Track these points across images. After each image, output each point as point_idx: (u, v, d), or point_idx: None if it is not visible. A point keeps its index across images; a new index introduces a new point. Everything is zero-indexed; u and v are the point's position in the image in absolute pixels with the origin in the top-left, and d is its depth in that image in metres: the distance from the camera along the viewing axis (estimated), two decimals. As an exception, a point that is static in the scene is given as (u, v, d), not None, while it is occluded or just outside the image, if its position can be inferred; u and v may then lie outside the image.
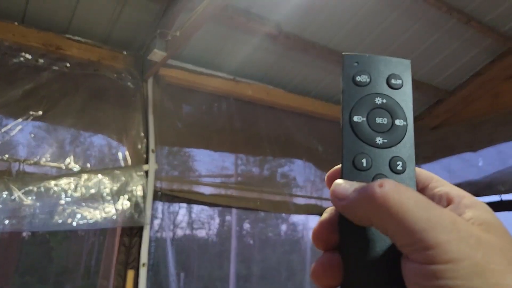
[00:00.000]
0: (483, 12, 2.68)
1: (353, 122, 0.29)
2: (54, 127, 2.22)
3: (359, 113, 0.29)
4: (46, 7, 2.25)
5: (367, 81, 0.30)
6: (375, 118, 0.29)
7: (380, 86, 0.30)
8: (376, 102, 0.29)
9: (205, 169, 2.79)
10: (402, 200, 0.25)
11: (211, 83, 2.70)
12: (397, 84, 0.30)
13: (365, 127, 0.29)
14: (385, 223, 0.25)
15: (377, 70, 0.30)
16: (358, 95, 0.30)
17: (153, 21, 2.39)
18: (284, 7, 2.44)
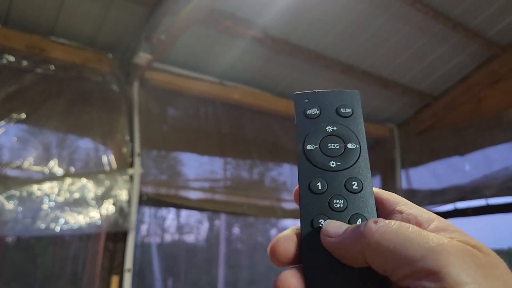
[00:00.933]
0: (469, 17, 2.71)
1: (306, 150, 0.31)
2: (38, 130, 2.19)
3: (312, 142, 0.31)
4: (30, 9, 2.23)
5: (317, 113, 0.32)
6: (327, 144, 0.31)
7: (330, 116, 0.32)
8: (327, 130, 0.31)
9: (193, 173, 2.78)
10: (397, 233, 0.25)
11: (198, 86, 2.69)
12: (346, 113, 0.32)
13: (318, 153, 0.30)
14: (383, 258, 0.25)
15: (326, 103, 0.32)
16: (310, 126, 0.32)
17: (139, 24, 2.37)
18: (270, 11, 2.44)
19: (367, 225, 0.26)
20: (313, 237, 0.28)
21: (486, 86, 3.12)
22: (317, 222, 0.28)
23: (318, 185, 0.29)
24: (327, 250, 0.28)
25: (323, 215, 0.28)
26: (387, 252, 0.25)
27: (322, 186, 0.29)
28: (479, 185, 2.91)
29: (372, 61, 2.94)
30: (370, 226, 0.26)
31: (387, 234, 0.25)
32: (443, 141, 3.25)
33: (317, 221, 0.28)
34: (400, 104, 3.43)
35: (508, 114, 3.00)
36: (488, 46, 2.91)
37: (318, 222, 0.28)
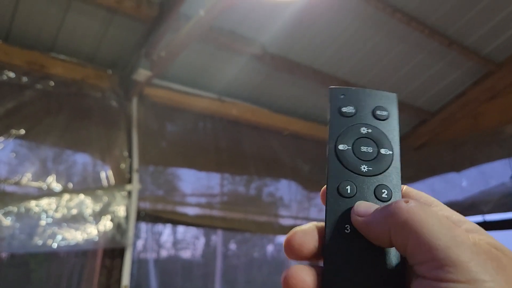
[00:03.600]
0: (464, 35, 2.75)
1: (338, 150, 0.30)
2: (36, 146, 2.19)
3: (344, 142, 0.30)
4: (31, 25, 2.25)
5: (352, 112, 0.31)
6: (360, 147, 0.30)
7: (366, 117, 0.31)
8: (361, 132, 0.30)
9: (190, 188, 2.77)
10: (427, 217, 0.25)
11: (196, 102, 2.70)
12: (383, 115, 0.31)
13: (350, 155, 0.30)
14: (406, 239, 0.25)
15: (363, 102, 0.31)
16: (344, 125, 0.31)
17: (138, 40, 2.40)
18: (269, 28, 2.47)
19: (397, 203, 0.26)
20: (338, 241, 0.27)
21: (482, 102, 3.15)
22: (343, 228, 0.28)
23: (348, 189, 0.29)
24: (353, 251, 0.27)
25: (349, 223, 0.28)
26: (412, 233, 0.25)
27: (352, 190, 0.29)
28: (476, 201, 2.92)
29: (369, 77, 2.97)
30: (400, 205, 0.26)
31: (416, 215, 0.25)
32: (440, 157, 3.26)
33: (343, 227, 0.28)
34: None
35: (504, 130, 3.02)
36: (484, 63, 2.94)
37: (344, 228, 0.28)
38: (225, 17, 2.33)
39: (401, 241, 0.26)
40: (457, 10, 2.57)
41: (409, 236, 0.25)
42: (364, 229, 0.28)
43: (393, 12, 2.44)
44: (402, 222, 0.25)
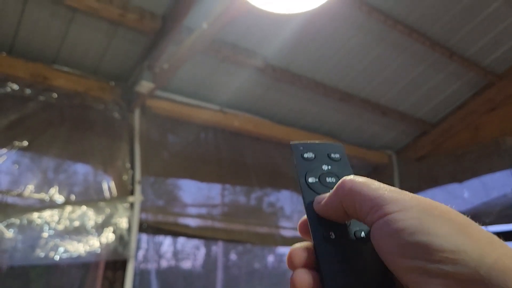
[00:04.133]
0: (465, 46, 2.77)
1: (308, 182, 0.37)
2: (39, 158, 2.19)
3: (312, 176, 0.37)
4: (34, 38, 2.26)
5: (312, 157, 0.39)
6: (325, 178, 0.37)
7: (324, 159, 0.39)
8: (323, 168, 0.38)
9: (191, 199, 2.77)
10: (366, 181, 0.32)
11: (198, 114, 2.71)
12: (336, 157, 0.39)
13: (319, 185, 0.37)
14: (353, 201, 0.31)
15: (318, 150, 0.39)
16: (308, 166, 0.38)
17: (142, 53, 2.41)
18: (271, 41, 2.48)
19: (342, 180, 0.33)
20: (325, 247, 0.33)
21: (483, 113, 3.16)
22: (328, 236, 0.33)
23: None
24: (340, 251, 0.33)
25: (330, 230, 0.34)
26: (357, 195, 0.31)
27: None
28: (478, 212, 2.92)
29: (370, 89, 2.99)
30: (345, 179, 0.33)
31: (356, 182, 0.32)
32: (441, 168, 3.26)
33: (328, 235, 0.33)
34: (398, 131, 3.47)
35: (505, 141, 3.03)
36: (485, 74, 2.96)
37: (329, 235, 0.33)
38: (227, 30, 2.35)
39: (351, 205, 0.32)
40: (458, 21, 2.59)
41: (355, 197, 0.31)
42: (324, 211, 0.34)
43: (394, 24, 2.46)
44: (348, 189, 0.32)
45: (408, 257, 0.27)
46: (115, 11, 2.14)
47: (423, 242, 0.27)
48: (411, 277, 0.27)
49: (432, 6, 2.47)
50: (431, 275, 0.27)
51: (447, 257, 0.26)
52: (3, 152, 2.07)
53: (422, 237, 0.27)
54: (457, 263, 0.26)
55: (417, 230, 0.28)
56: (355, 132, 3.38)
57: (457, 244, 0.27)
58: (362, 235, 0.33)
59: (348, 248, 0.32)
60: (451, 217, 0.29)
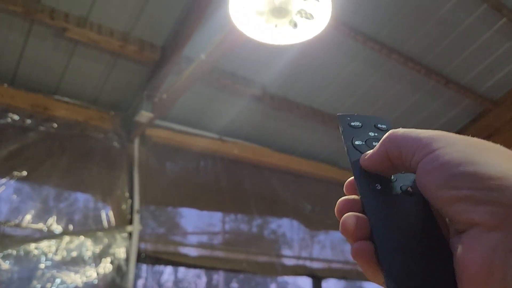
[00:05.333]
0: (461, 74, 2.81)
1: (355, 144, 0.38)
2: (38, 187, 2.19)
3: (359, 140, 0.38)
4: (36, 69, 2.30)
5: (359, 125, 0.40)
6: (372, 142, 0.38)
7: (371, 128, 0.40)
8: (370, 135, 0.39)
9: (192, 226, 2.76)
10: (408, 130, 0.33)
11: (198, 142, 2.73)
12: (383, 127, 0.40)
13: (365, 147, 0.37)
14: (399, 146, 0.32)
15: (366, 120, 0.40)
16: (354, 132, 0.39)
17: (141, 83, 2.45)
18: (269, 69, 2.52)
19: (388, 132, 0.34)
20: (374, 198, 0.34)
21: (481, 140, 3.17)
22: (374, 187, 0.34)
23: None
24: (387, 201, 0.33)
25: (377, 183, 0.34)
26: (402, 140, 0.32)
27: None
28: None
29: (368, 116, 3.01)
30: (390, 131, 0.34)
31: (401, 131, 0.33)
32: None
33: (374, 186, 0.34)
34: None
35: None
36: (481, 101, 2.99)
37: (375, 186, 0.34)
38: (226, 59, 2.39)
39: (397, 152, 0.32)
40: (453, 50, 2.64)
41: (401, 143, 0.32)
42: (370, 163, 0.35)
43: (389, 53, 2.50)
44: (393, 137, 0.33)
45: (455, 188, 0.28)
46: (115, 42, 2.19)
47: (470, 172, 0.27)
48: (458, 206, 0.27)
49: (427, 35, 2.52)
50: (478, 202, 0.27)
51: (494, 183, 0.26)
52: (2, 182, 2.07)
53: (468, 167, 0.28)
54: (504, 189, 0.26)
55: (463, 161, 0.28)
56: (354, 159, 3.39)
57: (503, 170, 0.27)
58: (408, 189, 0.33)
59: (394, 199, 0.33)
60: (497, 148, 0.30)
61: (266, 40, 1.45)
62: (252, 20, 1.38)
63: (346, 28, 2.35)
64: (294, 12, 1.28)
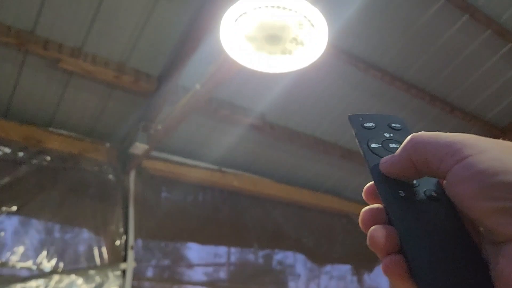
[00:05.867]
0: (466, 101, 2.73)
1: (371, 148, 0.36)
2: (28, 223, 2.11)
3: (375, 142, 0.36)
4: (30, 101, 2.26)
5: (373, 126, 0.38)
6: (388, 144, 0.36)
7: (385, 128, 0.38)
8: (385, 136, 0.37)
9: (197, 258, 2.66)
10: (433, 133, 0.31)
11: (196, 174, 2.65)
12: (397, 127, 0.38)
13: (382, 150, 0.36)
14: (425, 151, 0.30)
15: (379, 120, 0.39)
16: (369, 134, 0.37)
17: (137, 113, 2.39)
18: (267, 98, 2.46)
19: (411, 135, 0.32)
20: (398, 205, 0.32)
21: (489, 168, 3.07)
22: (397, 194, 0.32)
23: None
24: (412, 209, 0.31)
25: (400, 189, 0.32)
26: (428, 145, 0.30)
27: None
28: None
29: (372, 145, 2.92)
30: (413, 134, 0.31)
31: (426, 134, 0.31)
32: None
33: (397, 193, 0.32)
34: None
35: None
36: (488, 129, 2.90)
37: (398, 193, 0.32)
38: (223, 88, 2.34)
39: (422, 157, 0.30)
40: (456, 77, 2.57)
41: (426, 148, 0.30)
42: (392, 169, 0.33)
43: (392, 80, 2.44)
44: (418, 142, 0.31)
45: (493, 199, 0.26)
46: (110, 73, 2.14)
47: (508, 181, 0.26)
48: (497, 218, 0.26)
49: (430, 62, 2.46)
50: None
51: None
52: (-9, 218, 1.99)
53: (506, 176, 0.26)
54: None
55: (500, 170, 0.27)
56: (359, 189, 3.27)
57: None
58: (433, 194, 0.32)
59: (419, 206, 0.32)
60: None
61: (261, 69, 1.39)
62: (246, 48, 1.32)
63: (346, 56, 2.29)
64: (288, 39, 1.22)
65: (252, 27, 1.19)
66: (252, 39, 1.24)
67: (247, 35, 1.24)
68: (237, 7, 1.13)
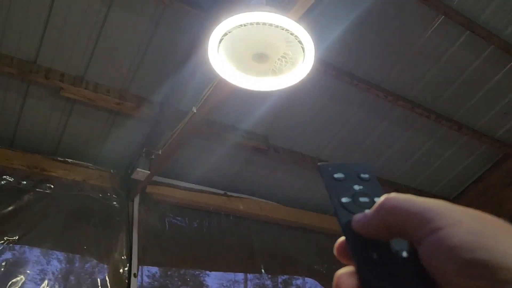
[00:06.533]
0: (473, 119, 2.68)
1: (342, 203, 0.36)
2: (30, 252, 2.10)
3: (345, 196, 0.36)
4: (34, 130, 2.28)
5: (343, 177, 0.38)
6: (359, 198, 0.36)
7: (354, 179, 0.38)
8: (355, 188, 0.37)
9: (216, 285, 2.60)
10: (407, 197, 0.30)
11: (202, 198, 2.63)
12: (366, 178, 0.38)
13: (353, 205, 0.36)
14: (398, 216, 0.30)
15: (348, 170, 0.39)
16: (339, 186, 0.37)
17: (140, 139, 2.40)
18: (270, 121, 2.45)
19: (385, 197, 0.31)
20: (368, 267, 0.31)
21: (503, 187, 2.98)
22: (370, 256, 0.32)
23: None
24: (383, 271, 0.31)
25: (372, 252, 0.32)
26: (402, 211, 0.29)
27: None
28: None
29: (379, 166, 2.87)
30: (388, 196, 0.31)
31: (400, 198, 0.30)
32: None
33: (370, 255, 0.32)
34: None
35: (532, 215, 2.81)
36: (499, 146, 2.83)
37: (371, 255, 0.32)
38: (225, 112, 2.34)
39: (395, 222, 0.30)
40: (461, 95, 2.53)
41: (400, 213, 0.29)
42: (364, 230, 0.32)
43: (395, 99, 2.41)
44: (392, 206, 0.30)
45: (468, 277, 0.26)
46: (112, 100, 2.16)
47: (485, 260, 0.25)
48: None
49: (433, 81, 2.43)
50: None
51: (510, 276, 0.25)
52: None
53: (482, 254, 0.25)
54: None
55: (476, 246, 0.26)
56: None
57: None
58: (404, 255, 0.31)
59: (393, 269, 0.31)
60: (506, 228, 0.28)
61: (253, 87, 1.38)
62: (236, 68, 1.31)
63: (348, 77, 2.28)
64: (276, 57, 1.21)
65: (238, 47, 1.19)
66: (240, 59, 1.24)
67: (234, 55, 1.23)
68: (222, 27, 1.13)
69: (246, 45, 1.19)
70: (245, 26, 1.11)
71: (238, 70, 1.32)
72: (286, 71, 1.27)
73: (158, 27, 1.98)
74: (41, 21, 1.88)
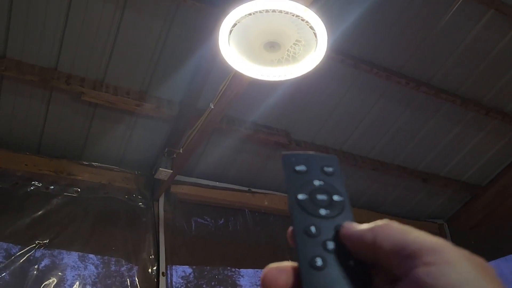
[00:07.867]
0: (502, 101, 2.58)
1: (298, 200, 0.35)
2: (60, 255, 2.14)
3: (303, 192, 0.35)
4: (59, 135, 2.33)
5: (304, 170, 0.37)
6: (316, 195, 0.35)
7: (316, 173, 0.37)
8: (315, 184, 0.36)
9: (249, 283, 2.60)
10: (405, 227, 0.30)
11: (226, 196, 2.63)
12: (329, 171, 0.37)
13: (309, 202, 0.35)
14: (390, 243, 0.29)
15: (311, 163, 0.37)
16: (299, 180, 0.36)
17: (162, 139, 2.42)
18: (290, 116, 2.43)
19: (385, 222, 0.31)
20: (311, 272, 0.31)
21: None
22: (314, 262, 0.32)
23: (312, 229, 0.34)
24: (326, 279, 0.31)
25: (318, 256, 0.32)
26: (396, 239, 0.29)
27: (316, 230, 0.34)
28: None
29: (405, 155, 2.80)
30: (387, 223, 0.30)
31: (398, 227, 0.30)
32: (502, 236, 2.91)
33: (314, 261, 0.32)
34: (445, 198, 3.18)
35: None
36: (530, 129, 2.72)
37: (315, 262, 0.32)
38: (243, 109, 2.33)
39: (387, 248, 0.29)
40: (489, 77, 2.44)
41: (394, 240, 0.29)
42: (350, 238, 0.32)
43: (417, 86, 2.35)
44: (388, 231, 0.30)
45: None
46: (132, 102, 2.18)
47: None
48: None
49: (457, 65, 2.35)
50: None
51: None
52: (25, 250, 2.04)
53: None
54: None
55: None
56: (397, 202, 3.14)
57: None
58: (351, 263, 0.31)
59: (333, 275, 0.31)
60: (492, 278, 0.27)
61: (269, 78, 1.37)
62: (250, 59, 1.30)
63: (366, 66, 2.23)
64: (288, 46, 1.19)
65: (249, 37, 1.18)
66: (251, 49, 1.22)
67: (246, 46, 1.22)
68: (230, 18, 1.12)
69: (257, 34, 1.17)
70: (254, 14, 1.09)
71: (251, 61, 1.31)
72: (301, 59, 1.25)
73: (172, 27, 1.99)
74: (58, 29, 1.91)
